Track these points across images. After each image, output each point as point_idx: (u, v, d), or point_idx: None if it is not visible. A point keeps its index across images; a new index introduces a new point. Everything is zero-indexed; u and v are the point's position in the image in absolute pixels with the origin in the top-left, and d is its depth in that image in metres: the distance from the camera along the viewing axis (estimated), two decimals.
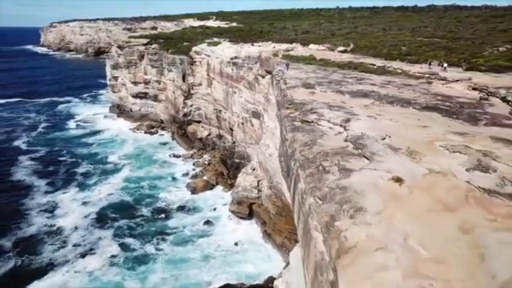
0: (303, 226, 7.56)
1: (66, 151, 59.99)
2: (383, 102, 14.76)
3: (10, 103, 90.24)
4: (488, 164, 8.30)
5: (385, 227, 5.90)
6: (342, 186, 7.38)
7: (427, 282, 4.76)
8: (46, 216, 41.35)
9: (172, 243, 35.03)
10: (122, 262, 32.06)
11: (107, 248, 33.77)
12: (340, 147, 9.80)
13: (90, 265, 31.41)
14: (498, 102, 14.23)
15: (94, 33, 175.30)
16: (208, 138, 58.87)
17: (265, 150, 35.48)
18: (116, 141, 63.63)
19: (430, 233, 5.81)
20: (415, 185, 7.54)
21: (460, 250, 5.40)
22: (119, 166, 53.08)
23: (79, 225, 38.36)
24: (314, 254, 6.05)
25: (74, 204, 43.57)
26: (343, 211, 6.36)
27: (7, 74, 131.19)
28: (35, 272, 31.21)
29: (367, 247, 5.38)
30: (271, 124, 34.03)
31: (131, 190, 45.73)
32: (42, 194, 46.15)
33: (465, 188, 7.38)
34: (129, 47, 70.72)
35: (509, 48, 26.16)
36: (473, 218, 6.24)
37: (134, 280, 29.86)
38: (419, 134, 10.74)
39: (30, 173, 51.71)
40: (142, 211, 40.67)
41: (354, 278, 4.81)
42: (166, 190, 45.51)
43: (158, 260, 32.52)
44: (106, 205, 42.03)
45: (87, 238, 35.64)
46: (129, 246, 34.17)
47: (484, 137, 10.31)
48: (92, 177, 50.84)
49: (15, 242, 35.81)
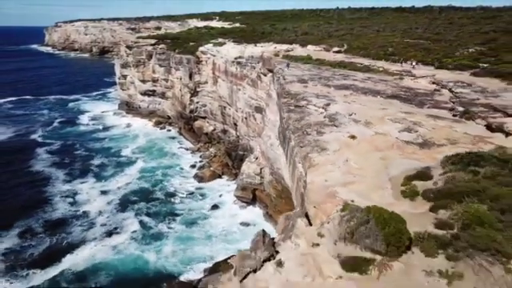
0: (292, 165, 12.15)
1: (79, 145, 64.54)
2: (359, 92, 19.33)
3: (21, 100, 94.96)
4: (414, 128, 12.86)
5: (336, 156, 10.46)
6: (316, 140, 11.96)
7: (353, 176, 9.26)
8: (68, 202, 45.85)
9: (181, 223, 39.62)
10: (140, 237, 36.69)
11: (129, 227, 38.32)
12: (319, 121, 14.37)
13: (115, 240, 35.98)
14: (446, 92, 18.69)
15: (99, 32, 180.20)
16: (213, 133, 63.41)
17: (267, 140, 40.05)
18: (128, 136, 68.17)
19: (362, 159, 10.37)
20: (363, 139, 12.09)
21: (376, 166, 9.93)
22: (133, 159, 57.55)
23: (104, 210, 42.70)
24: (296, 173, 10.63)
25: (94, 192, 48.00)
26: (314, 150, 10.93)
27: (16, 73, 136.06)
28: (67, 248, 35.67)
29: (324, 164, 9.94)
30: (272, 117, 38.55)
31: (147, 179, 50.30)
32: (62, 183, 50.69)
33: (393, 141, 11.92)
34: (137, 47, 75.32)
35: (477, 49, 30.55)
36: (390, 154, 10.76)
37: (150, 252, 34.49)
38: (377, 112, 15.30)
39: (48, 164, 56.32)
40: (157, 196, 45.30)
41: (313, 175, 9.37)
42: (177, 178, 50.10)
43: (170, 236, 37.13)
44: (126, 192, 46.47)
45: (112, 219, 40.11)
46: (146, 224, 38.81)
47: (421, 114, 14.88)
48: (107, 168, 55.27)
49: (44, 225, 40.24)
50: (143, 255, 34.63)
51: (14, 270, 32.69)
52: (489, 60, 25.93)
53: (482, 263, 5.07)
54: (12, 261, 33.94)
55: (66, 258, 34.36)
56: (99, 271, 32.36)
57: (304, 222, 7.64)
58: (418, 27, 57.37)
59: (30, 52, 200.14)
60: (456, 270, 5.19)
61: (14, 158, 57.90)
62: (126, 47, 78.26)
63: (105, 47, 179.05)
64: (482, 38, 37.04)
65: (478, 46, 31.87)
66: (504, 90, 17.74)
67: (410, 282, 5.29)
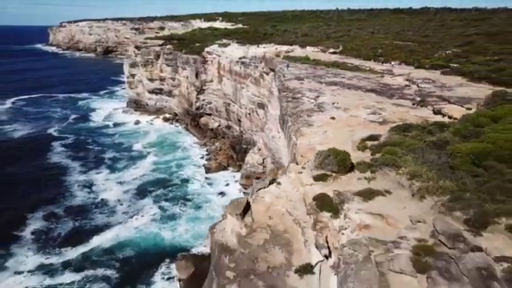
0: (288, 137, 16.88)
1: (92, 140, 69.41)
2: (344, 87, 24.06)
3: (32, 99, 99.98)
4: (379, 112, 17.58)
5: (319, 129, 15.18)
6: (306, 120, 16.70)
7: (328, 140, 13.92)
8: (86, 191, 50.59)
9: (192, 207, 44.55)
10: (159, 219, 41.59)
11: (150, 210, 43.22)
12: (310, 108, 19.10)
13: (137, 222, 40.81)
14: (414, 87, 23.34)
15: (103, 32, 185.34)
16: (218, 129, 68.23)
17: (269, 133, 44.79)
18: (138, 132, 73.08)
19: (336, 131, 15.07)
20: (340, 120, 16.80)
21: (345, 135, 14.63)
22: (144, 153, 62.40)
23: (122, 198, 47.23)
24: (291, 142, 15.36)
25: (110, 183, 52.69)
26: (304, 126, 15.65)
27: (24, 72, 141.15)
28: (92, 230, 40.22)
29: (309, 134, 14.66)
30: (274, 112, 43.23)
31: (161, 170, 55.28)
32: (78, 174, 55.48)
33: (362, 121, 16.62)
34: (146, 47, 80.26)
35: (454, 51, 35.16)
36: (357, 128, 15.47)
37: (167, 230, 39.39)
38: (355, 102, 20.03)
39: (64, 157, 61.20)
40: (171, 184, 50.36)
41: (301, 139, 14.09)
42: (188, 169, 55.09)
43: (183, 217, 42.04)
44: (143, 182, 51.29)
45: (132, 206, 44.81)
46: (163, 207, 43.78)
47: (388, 103, 19.60)
48: (120, 162, 60.05)
49: (66, 210, 44.78)
50: (161, 233, 39.63)
51: (46, 248, 37.48)
52: (460, 61, 30.62)
53: (385, 171, 9.73)
54: (43, 240, 38.74)
55: (93, 238, 39.07)
56: (124, 247, 37.25)
57: (294, 165, 12.31)
58: (409, 29, 62.05)
59: (35, 52, 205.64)
60: (373, 176, 9.84)
61: (34, 151, 63.03)
62: (134, 47, 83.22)
63: (109, 47, 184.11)
64: (462, 41, 41.73)
65: (455, 48, 36.59)
66: (460, 85, 22.43)
67: (349, 184, 9.92)
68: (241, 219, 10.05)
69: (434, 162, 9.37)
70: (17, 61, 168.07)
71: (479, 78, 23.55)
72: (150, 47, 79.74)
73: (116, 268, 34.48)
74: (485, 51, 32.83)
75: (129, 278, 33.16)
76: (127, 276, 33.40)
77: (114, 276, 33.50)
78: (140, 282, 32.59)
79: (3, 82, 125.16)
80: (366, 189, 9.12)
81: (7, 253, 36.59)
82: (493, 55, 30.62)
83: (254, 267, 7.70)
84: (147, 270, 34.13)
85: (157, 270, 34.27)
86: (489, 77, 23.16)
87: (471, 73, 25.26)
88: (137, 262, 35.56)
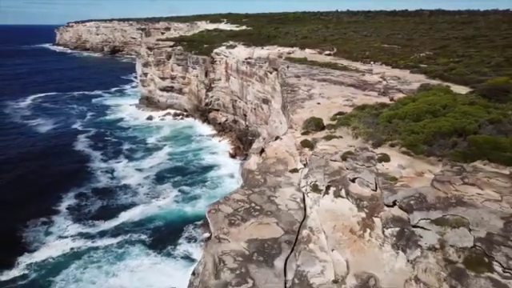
0: (287, 117, 24.70)
1: (110, 133, 77.50)
2: (331, 83, 31.85)
3: (49, 96, 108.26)
4: (352, 100, 25.35)
5: (308, 110, 22.99)
6: (299, 105, 24.51)
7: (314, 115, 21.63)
8: (109, 176, 58.59)
9: (209, 188, 52.50)
10: (180, 199, 49.46)
11: (170, 193, 51.04)
12: (303, 97, 26.92)
13: (159, 202, 48.63)
14: (384, 83, 31.03)
15: (110, 32, 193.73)
16: (226, 123, 76.16)
17: (272, 124, 52.54)
18: (151, 126, 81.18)
19: (319, 111, 22.85)
20: (323, 105, 24.57)
21: (325, 113, 22.35)
22: (159, 145, 70.46)
23: (143, 183, 55.03)
24: (289, 119, 23.16)
25: (130, 170, 60.65)
26: (298, 108, 23.44)
27: (37, 71, 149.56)
28: (120, 207, 47.95)
29: (302, 112, 22.45)
30: (276, 106, 50.95)
31: (176, 159, 63.36)
32: (100, 161, 63.57)
33: (338, 105, 24.40)
34: (158, 48, 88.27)
35: (427, 54, 42.80)
36: (334, 109, 23.19)
37: (188, 207, 47.30)
38: (336, 93, 27.83)
39: (87, 146, 69.37)
40: (188, 171, 58.35)
41: (295, 115, 21.89)
42: (202, 156, 63.29)
43: (202, 197, 49.90)
44: (160, 169, 59.31)
45: (153, 189, 52.70)
46: (184, 190, 51.71)
47: (361, 94, 27.40)
48: (137, 152, 68.07)
49: (94, 192, 52.66)
50: (183, 209, 47.61)
51: (81, 220, 45.31)
52: (428, 62, 38.33)
53: (341, 128, 17.48)
54: (77, 215, 46.63)
55: (121, 214, 46.78)
56: (151, 220, 45.12)
57: (290, 129, 20.09)
58: (399, 33, 69.76)
59: (44, 51, 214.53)
60: (334, 130, 17.61)
61: (61, 142, 71.35)
62: (147, 48, 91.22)
63: (116, 47, 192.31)
64: (438, 44, 49.43)
65: (429, 51, 44.30)
66: (418, 81, 30.13)
67: (321, 135, 17.65)
68: (259, 156, 17.87)
69: (368, 122, 17.13)
70: (29, 61, 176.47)
71: (435, 76, 31.30)
72: (161, 48, 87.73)
73: (146, 234, 42.43)
74: (451, 54, 40.53)
75: (158, 240, 41.03)
76: (157, 239, 41.28)
77: (146, 239, 41.43)
78: (168, 243, 40.44)
79: (20, 79, 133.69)
80: (329, 135, 16.90)
81: (50, 222, 44.57)
82: (455, 57, 38.32)
83: (268, 171, 15.47)
84: (173, 235, 41.99)
85: (181, 235, 42.12)
86: (441, 75, 30.89)
87: (431, 72, 33.01)
88: (164, 229, 43.56)
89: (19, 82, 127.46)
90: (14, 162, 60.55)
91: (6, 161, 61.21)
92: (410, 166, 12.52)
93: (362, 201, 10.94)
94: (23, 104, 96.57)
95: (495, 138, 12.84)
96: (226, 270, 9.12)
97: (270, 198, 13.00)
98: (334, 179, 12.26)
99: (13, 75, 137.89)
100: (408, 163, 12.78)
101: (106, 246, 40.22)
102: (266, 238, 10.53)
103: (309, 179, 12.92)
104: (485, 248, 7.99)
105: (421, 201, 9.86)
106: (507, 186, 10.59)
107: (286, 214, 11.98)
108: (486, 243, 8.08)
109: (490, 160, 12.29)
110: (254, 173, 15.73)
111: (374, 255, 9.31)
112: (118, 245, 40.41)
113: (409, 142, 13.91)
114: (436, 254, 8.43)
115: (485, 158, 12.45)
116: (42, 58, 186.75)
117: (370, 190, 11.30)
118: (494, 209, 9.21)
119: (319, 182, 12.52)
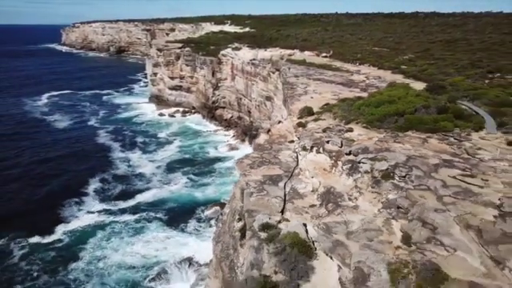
0: (288, 108, 31.93)
1: (125, 128, 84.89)
2: (324, 82, 39.06)
3: (62, 95, 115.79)
4: (338, 94, 32.53)
5: (303, 102, 30.15)
6: (297, 98, 31.73)
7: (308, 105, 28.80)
8: (126, 165, 66.05)
9: (217, 176, 59.72)
10: (190, 186, 56.77)
11: (180, 180, 58.34)
12: (300, 93, 34.17)
13: (171, 188, 55.93)
14: (367, 81, 38.15)
15: (115, 33, 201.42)
16: (231, 119, 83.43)
17: (275, 118, 59.75)
18: (161, 123, 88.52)
19: (312, 103, 30.00)
20: (316, 98, 31.77)
21: (317, 103, 29.49)
22: (170, 140, 77.75)
23: (155, 172, 62.51)
24: (288, 109, 30.37)
25: (143, 161, 68.09)
26: (296, 101, 30.65)
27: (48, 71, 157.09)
28: (136, 191, 55.41)
29: (298, 104, 29.63)
30: (278, 103, 58.23)
31: (186, 151, 70.65)
32: (119, 152, 71.08)
33: (327, 99, 31.50)
34: (167, 50, 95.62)
35: (409, 56, 49.85)
36: (323, 102, 30.32)
37: (197, 192, 54.58)
38: (327, 89, 35.08)
39: (107, 139, 76.84)
40: (197, 161, 65.62)
41: (293, 107, 29.09)
42: (209, 149, 70.53)
43: (211, 183, 57.18)
44: (171, 161, 66.67)
45: (165, 177, 60.06)
46: (193, 178, 58.96)
47: (347, 90, 34.64)
48: (150, 145, 75.48)
49: (114, 177, 60.23)
50: (194, 194, 54.83)
51: (105, 200, 52.89)
52: (408, 64, 45.45)
53: (326, 113, 24.65)
54: (101, 195, 54.25)
55: (138, 196, 54.29)
56: (165, 202, 52.46)
57: (289, 116, 27.23)
58: (391, 36, 76.91)
59: (51, 51, 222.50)
60: (320, 115, 24.75)
61: (80, 136, 78.79)
62: (156, 49, 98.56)
63: (121, 47, 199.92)
64: (422, 48, 56.59)
65: (412, 54, 51.44)
66: (395, 80, 37.31)
67: (310, 118, 24.83)
68: (266, 134, 25.10)
69: (345, 109, 24.32)
70: (37, 61, 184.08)
71: (409, 76, 38.46)
72: (171, 49, 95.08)
73: (161, 212, 49.65)
74: (429, 57, 47.67)
75: (172, 219, 48.11)
76: (170, 218, 48.36)
77: (161, 217, 48.65)
78: (181, 221, 47.48)
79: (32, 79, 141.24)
80: (316, 118, 24.09)
81: (80, 200, 52.23)
82: (432, 60, 45.44)
83: (273, 142, 22.68)
84: (185, 215, 49.05)
85: (193, 215, 49.24)
86: (415, 75, 38.06)
87: (408, 72, 40.18)
88: (176, 209, 50.81)
89: (31, 81, 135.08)
90: (47, 152, 68.51)
91: (41, 150, 69.18)
92: (366, 134, 19.73)
93: (332, 153, 18.10)
94: (40, 102, 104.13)
95: (421, 116, 20.09)
96: (250, 187, 16.31)
97: (275, 156, 20.22)
98: (315, 142, 19.41)
99: (24, 75, 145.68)
100: (365, 132, 20.01)
101: (126, 221, 47.61)
102: (273, 174, 17.72)
103: (300, 143, 20.11)
104: (391, 169, 15.12)
105: (364, 149, 17.04)
106: (419, 143, 17.81)
107: (285, 163, 19.18)
108: (393, 167, 15.19)
109: (416, 130, 19.51)
110: (263, 145, 22.93)
111: (335, 179, 16.50)
112: (136, 221, 47.76)
113: (368, 120, 21.14)
114: (367, 174, 15.56)
115: (414, 129, 19.67)
116: (49, 58, 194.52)
117: (337, 147, 18.45)
118: (404, 152, 16.39)
119: (307, 144, 19.69)
